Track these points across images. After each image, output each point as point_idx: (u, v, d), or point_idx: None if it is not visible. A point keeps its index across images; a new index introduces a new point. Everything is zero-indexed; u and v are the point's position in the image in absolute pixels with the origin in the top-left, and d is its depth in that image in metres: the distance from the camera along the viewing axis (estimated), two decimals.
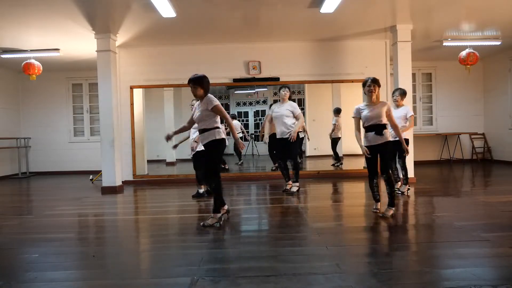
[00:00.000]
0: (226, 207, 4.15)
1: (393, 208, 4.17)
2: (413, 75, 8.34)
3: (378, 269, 2.68)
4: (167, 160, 10.36)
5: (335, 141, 8.74)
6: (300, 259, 2.99)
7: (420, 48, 7.89)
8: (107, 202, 5.73)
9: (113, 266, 2.97)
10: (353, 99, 10.55)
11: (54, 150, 9.62)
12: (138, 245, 3.63)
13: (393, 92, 5.60)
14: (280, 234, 3.66)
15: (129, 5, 5.31)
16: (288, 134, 5.54)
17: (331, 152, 8.81)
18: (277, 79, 7.49)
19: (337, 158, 8.63)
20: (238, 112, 14.14)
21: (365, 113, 4.20)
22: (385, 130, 4.15)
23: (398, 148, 5.33)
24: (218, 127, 3.95)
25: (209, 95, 3.99)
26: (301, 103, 13.50)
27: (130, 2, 5.23)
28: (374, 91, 4.20)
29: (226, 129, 9.12)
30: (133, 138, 7.46)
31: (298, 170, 5.79)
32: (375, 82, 4.24)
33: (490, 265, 2.71)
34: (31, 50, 7.20)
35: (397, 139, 5.33)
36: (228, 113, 7.77)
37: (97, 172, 8.04)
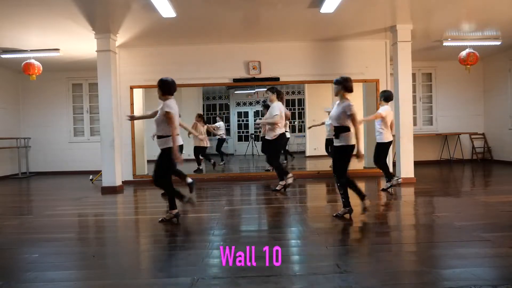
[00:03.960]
0: (174, 211, 4.21)
1: (347, 209, 4.07)
2: (413, 75, 8.33)
3: (378, 269, 2.68)
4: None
5: (328, 142, 8.81)
6: (300, 259, 2.99)
7: (420, 48, 7.88)
8: (107, 202, 5.73)
9: (113, 266, 2.97)
10: (353, 99, 10.59)
11: (54, 150, 9.61)
12: (138, 245, 3.63)
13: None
14: (280, 234, 3.66)
15: (129, 5, 5.31)
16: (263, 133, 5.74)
17: None
18: (277, 79, 7.49)
19: None
20: (238, 112, 14.16)
21: (331, 112, 4.23)
22: (342, 134, 3.98)
23: (382, 149, 5.44)
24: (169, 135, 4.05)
25: (169, 100, 4.10)
26: (301, 103, 13.53)
27: (130, 2, 5.23)
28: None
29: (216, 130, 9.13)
30: (133, 138, 7.46)
31: (279, 170, 5.83)
32: (340, 82, 4.13)
33: (490, 265, 2.71)
34: (31, 50, 7.20)
35: (384, 141, 5.44)
36: (228, 113, 7.80)
37: (97, 172, 8.04)
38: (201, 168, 8.61)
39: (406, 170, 6.56)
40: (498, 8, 5.83)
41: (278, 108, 5.72)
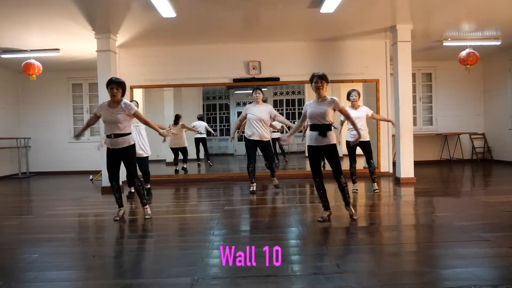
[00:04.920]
0: (121, 211, 4.39)
1: (350, 208, 4.03)
2: (413, 75, 8.33)
3: (378, 269, 2.68)
4: (167, 160, 10.36)
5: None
6: (300, 259, 2.99)
7: (420, 48, 7.88)
8: (107, 202, 5.73)
9: (113, 266, 2.97)
10: None
11: (54, 150, 9.61)
12: (138, 245, 3.63)
13: (350, 92, 5.53)
14: (280, 234, 3.66)
15: (129, 5, 5.31)
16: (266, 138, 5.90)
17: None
18: (277, 79, 7.49)
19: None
20: (238, 112, 14.15)
21: (309, 110, 3.97)
22: (329, 132, 3.88)
23: (365, 147, 5.46)
24: (131, 133, 4.28)
25: (125, 100, 4.25)
26: (301, 103, 13.53)
27: (130, 2, 5.23)
28: (321, 87, 3.90)
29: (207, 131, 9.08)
30: None
31: (272, 168, 6.21)
32: (322, 78, 3.92)
33: (490, 265, 2.71)
34: (31, 50, 7.20)
35: (367, 140, 5.43)
36: (228, 113, 7.81)
37: (97, 172, 8.03)
38: (185, 167, 8.68)
39: (406, 170, 6.56)
40: (498, 8, 5.83)
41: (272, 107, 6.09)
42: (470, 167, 8.75)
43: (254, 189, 5.89)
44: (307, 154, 4.22)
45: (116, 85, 4.13)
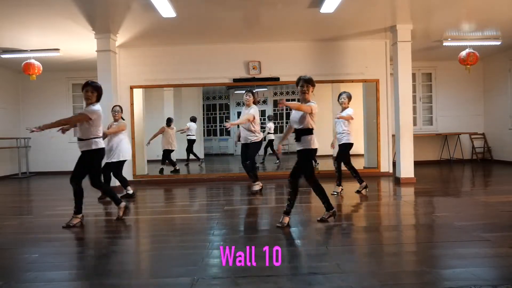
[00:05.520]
0: (75, 220, 4.24)
1: (332, 211, 3.92)
2: (413, 75, 8.33)
3: (378, 269, 2.68)
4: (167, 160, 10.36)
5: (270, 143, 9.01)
6: (300, 259, 2.99)
7: (420, 48, 7.88)
8: (107, 202, 5.72)
9: (113, 266, 2.97)
10: (353, 99, 10.57)
11: (54, 150, 9.59)
12: (138, 245, 3.63)
13: (340, 95, 5.57)
14: (280, 234, 3.66)
15: (129, 5, 5.31)
16: (249, 140, 5.75)
17: (330, 152, 8.80)
18: (277, 79, 7.49)
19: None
20: (238, 112, 14.15)
21: (291, 114, 3.99)
22: (304, 137, 3.78)
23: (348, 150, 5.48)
24: (94, 137, 4.10)
25: (92, 106, 4.08)
26: None
27: (130, 2, 5.23)
28: (307, 91, 3.80)
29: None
30: (133, 138, 7.46)
31: (253, 172, 5.90)
32: (308, 82, 3.81)
33: (490, 265, 2.71)
34: (31, 50, 7.20)
35: (346, 142, 5.43)
36: (228, 113, 7.84)
37: None
38: (178, 168, 8.74)
39: (406, 170, 6.56)
40: (498, 8, 5.84)
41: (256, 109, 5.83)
42: (470, 167, 8.75)
43: (256, 189, 5.84)
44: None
45: (92, 88, 4.09)
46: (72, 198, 4.29)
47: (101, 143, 4.20)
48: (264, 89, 12.88)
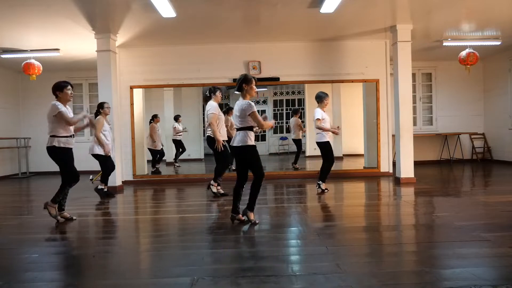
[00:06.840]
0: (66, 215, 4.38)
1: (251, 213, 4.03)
2: (413, 75, 8.33)
3: (378, 269, 2.68)
4: (167, 160, 10.37)
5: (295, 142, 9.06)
6: (300, 259, 2.99)
7: (420, 48, 7.89)
8: (107, 202, 5.73)
9: (113, 266, 2.97)
10: (353, 99, 10.60)
11: None
12: (138, 245, 3.63)
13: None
14: (280, 234, 3.66)
15: (129, 5, 5.31)
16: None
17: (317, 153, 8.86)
18: (277, 79, 7.49)
19: (296, 161, 8.70)
20: None
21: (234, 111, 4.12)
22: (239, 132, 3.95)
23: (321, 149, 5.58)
24: (55, 136, 4.17)
25: (54, 102, 4.19)
26: (301, 103, 13.54)
27: (130, 2, 5.23)
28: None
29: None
30: (133, 138, 7.46)
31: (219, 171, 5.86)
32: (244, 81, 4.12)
33: (490, 265, 2.71)
34: (31, 50, 7.20)
35: (322, 140, 5.45)
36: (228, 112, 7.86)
37: (97, 172, 8.02)
38: (157, 167, 8.79)
39: (406, 170, 6.56)
40: (498, 8, 5.84)
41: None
42: (470, 167, 8.75)
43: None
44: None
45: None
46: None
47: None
48: (264, 89, 12.89)
